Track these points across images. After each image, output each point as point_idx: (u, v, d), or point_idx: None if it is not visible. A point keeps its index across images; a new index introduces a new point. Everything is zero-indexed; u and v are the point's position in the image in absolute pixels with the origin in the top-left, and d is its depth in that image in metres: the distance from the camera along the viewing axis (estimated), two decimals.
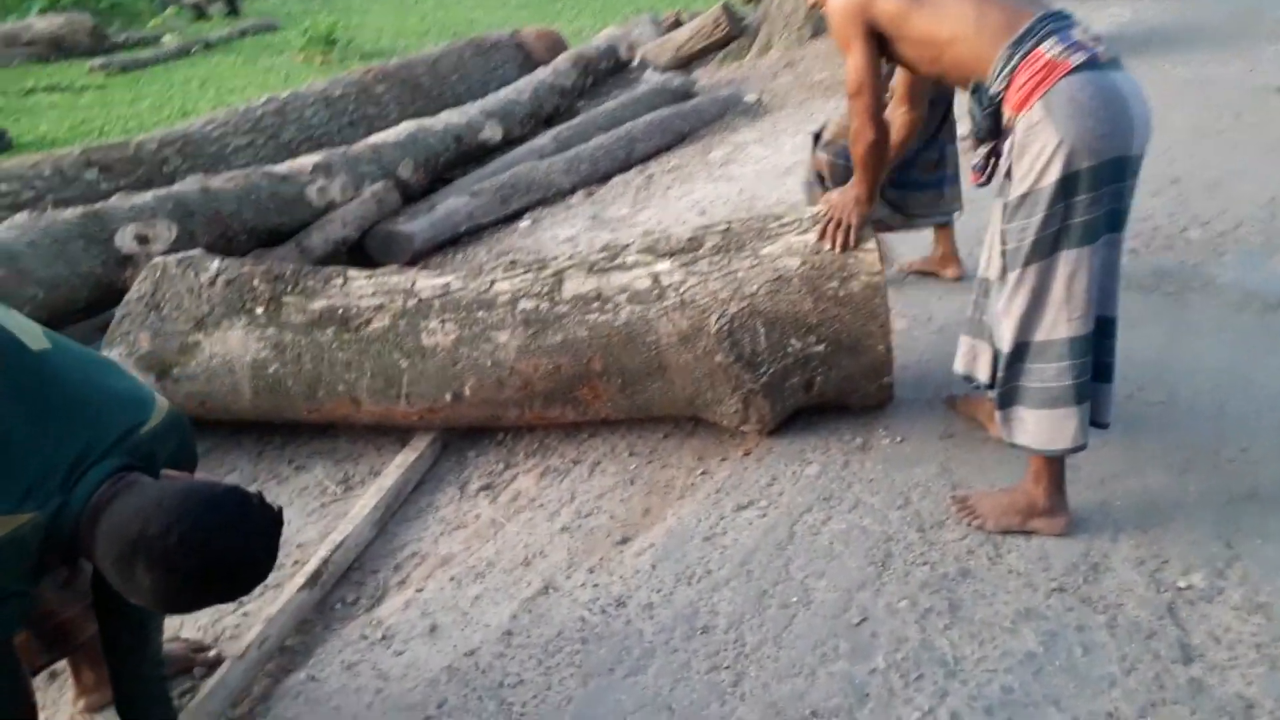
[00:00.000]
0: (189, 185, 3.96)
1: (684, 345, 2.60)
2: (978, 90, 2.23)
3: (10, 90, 11.35)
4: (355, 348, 2.72)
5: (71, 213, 3.51)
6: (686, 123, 5.96)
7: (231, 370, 2.78)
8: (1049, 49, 2.09)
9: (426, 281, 2.79)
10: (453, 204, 4.77)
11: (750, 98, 6.57)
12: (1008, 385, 2.27)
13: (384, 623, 2.25)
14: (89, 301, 3.43)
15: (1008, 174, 2.20)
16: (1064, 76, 2.05)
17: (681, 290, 2.61)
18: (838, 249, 2.57)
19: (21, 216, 3.41)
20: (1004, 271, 2.24)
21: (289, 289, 2.80)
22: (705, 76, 8.07)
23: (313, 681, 2.10)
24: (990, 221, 2.33)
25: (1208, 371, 2.91)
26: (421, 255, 4.55)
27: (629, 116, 5.96)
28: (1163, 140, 2.85)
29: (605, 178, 5.32)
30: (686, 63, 8.40)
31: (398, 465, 2.74)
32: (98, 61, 12.11)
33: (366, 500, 2.60)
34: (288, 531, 2.45)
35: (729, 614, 2.16)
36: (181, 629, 2.32)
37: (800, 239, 2.61)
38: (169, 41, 13.40)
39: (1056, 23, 2.12)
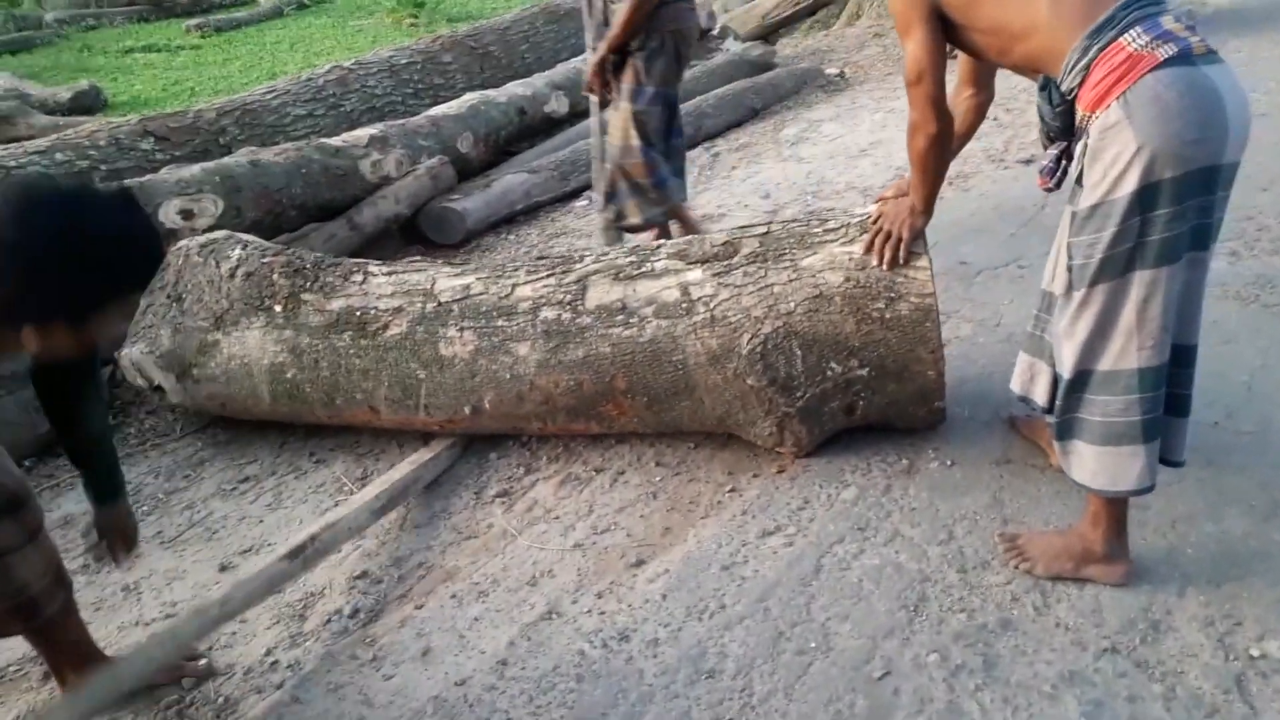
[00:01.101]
0: (238, 158, 3.91)
1: (713, 366, 2.41)
2: (1047, 87, 1.97)
3: (111, 49, 11.66)
4: (372, 355, 2.61)
5: (116, 187, 3.47)
6: (760, 97, 5.69)
7: (250, 374, 2.71)
8: (1132, 40, 1.80)
9: (447, 282, 2.64)
10: (510, 181, 4.63)
11: (832, 71, 6.25)
12: (1067, 415, 2.02)
13: (378, 641, 2.14)
14: None
15: (1079, 180, 1.94)
16: (1148, 72, 1.77)
17: (712, 305, 2.41)
18: (885, 265, 2.32)
19: None
20: (1069, 288, 1.98)
21: (308, 285, 2.70)
22: (789, 46, 7.76)
23: (295, 703, 2.00)
24: (1058, 229, 2.07)
25: None
26: (475, 234, 4.44)
27: (701, 90, 5.72)
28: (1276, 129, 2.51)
29: None
30: (772, 31, 8.07)
31: (410, 462, 2.63)
32: (194, 22, 12.34)
33: (370, 490, 2.49)
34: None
35: (739, 657, 1.99)
36: None
37: (844, 250, 2.36)
38: (264, 2, 13.56)
39: (1143, 9, 1.83)
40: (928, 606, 2.07)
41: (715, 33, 7.44)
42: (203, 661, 2.14)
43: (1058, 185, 2.07)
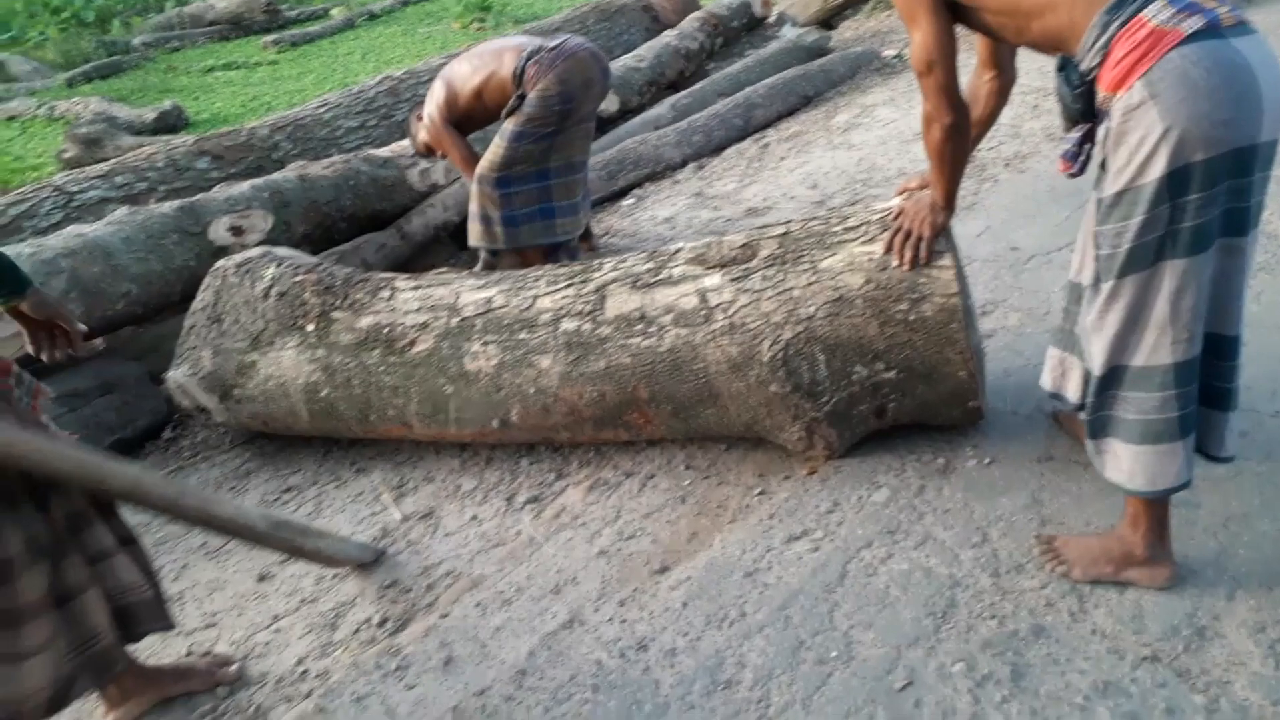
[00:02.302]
0: (287, 174, 3.99)
1: (735, 373, 2.36)
2: (1065, 68, 1.87)
3: (193, 69, 12.08)
4: (401, 372, 2.64)
5: (168, 206, 3.59)
6: (813, 84, 5.57)
7: (286, 393, 2.77)
8: (1154, 14, 1.69)
9: (470, 296, 2.65)
10: None
11: (889, 53, 6.09)
12: (1100, 413, 1.92)
13: (402, 651, 2.16)
14: (183, 295, 3.49)
15: (1103, 165, 1.83)
16: (1173, 48, 1.65)
17: (730, 312, 2.35)
18: (906, 265, 2.24)
19: (121, 212, 3.51)
20: (1097, 279, 1.88)
21: (338, 303, 2.75)
22: (850, 29, 7.60)
23: (321, 714, 2.04)
24: (1084, 217, 1.97)
25: None
26: None
27: (754, 79, 5.64)
28: None
29: (720, 148, 5.04)
30: (834, 14, 7.92)
31: None
32: (270, 38, 12.69)
33: None
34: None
35: (758, 667, 1.95)
36: (216, 644, 2.31)
37: (864, 250, 2.28)
38: (336, 15, 13.89)
39: None
40: (956, 613, 1.99)
41: (771, 20, 7.32)
42: (234, 667, 2.19)
43: (1081, 170, 1.96)
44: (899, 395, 2.34)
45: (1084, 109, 1.89)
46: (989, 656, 1.88)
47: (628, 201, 4.63)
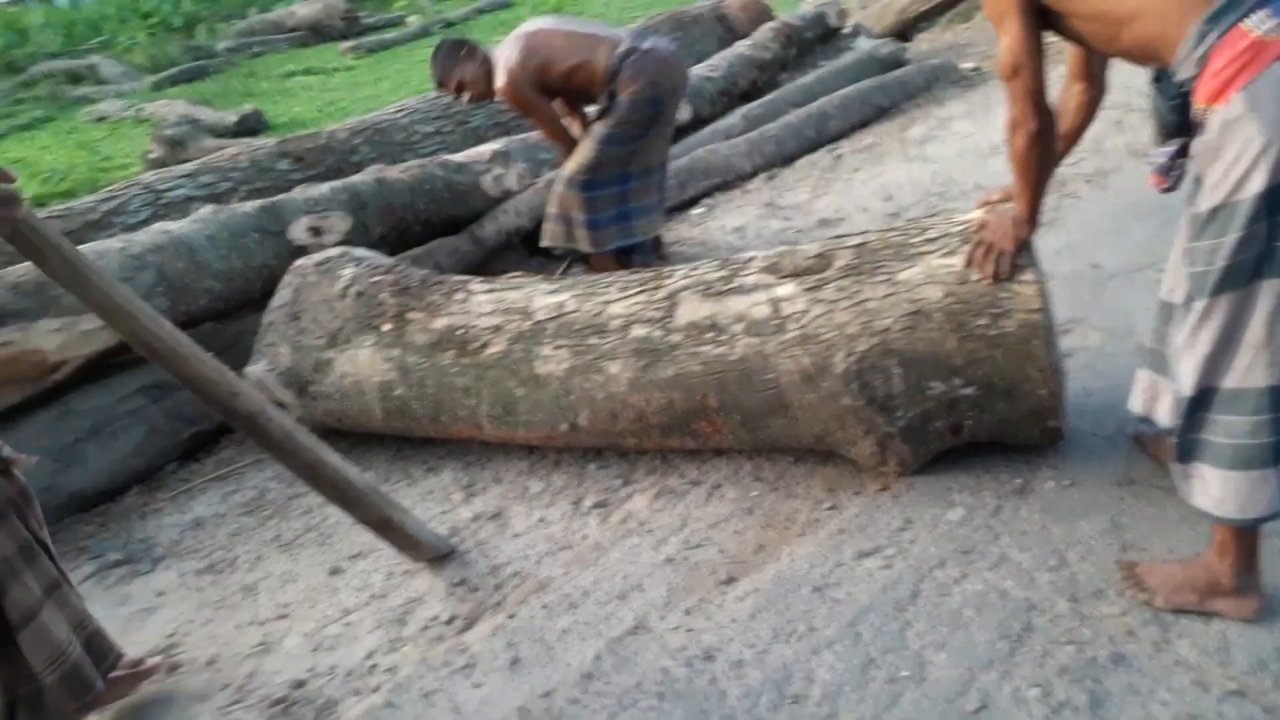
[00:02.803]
0: (365, 176, 4.07)
1: (807, 385, 2.34)
2: (1160, 79, 1.82)
3: (273, 74, 12.41)
4: (474, 373, 2.67)
5: (250, 206, 3.68)
6: (888, 96, 5.52)
7: (362, 391, 2.82)
8: (1256, 24, 1.64)
9: (543, 300, 2.68)
10: None
11: (967, 65, 6.01)
12: (1189, 436, 1.86)
13: (469, 649, 2.18)
14: (263, 293, 3.57)
15: (1197, 180, 1.78)
16: (1276, 60, 1.61)
17: (804, 322, 2.33)
18: (988, 280, 2.19)
19: (206, 210, 3.61)
20: (1190, 298, 1.82)
21: (414, 304, 2.79)
22: (926, 41, 7.51)
23: (389, 708, 2.06)
24: (1177, 234, 1.92)
25: None
26: None
27: (827, 90, 5.60)
28: None
29: (792, 159, 5.02)
30: (910, 26, 7.83)
31: None
32: (348, 44, 12.99)
33: None
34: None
35: (826, 683, 1.92)
36: (288, 635, 2.35)
37: (944, 263, 2.23)
38: (412, 22, 14.16)
39: None
40: (1032, 637, 1.94)
41: (846, 31, 7.26)
42: (157, 658, 2.26)
43: (1175, 185, 1.92)
44: (976, 412, 2.29)
45: (1180, 121, 1.84)
46: (1066, 683, 1.83)
47: (698, 210, 4.63)
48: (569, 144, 3.77)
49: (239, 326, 3.53)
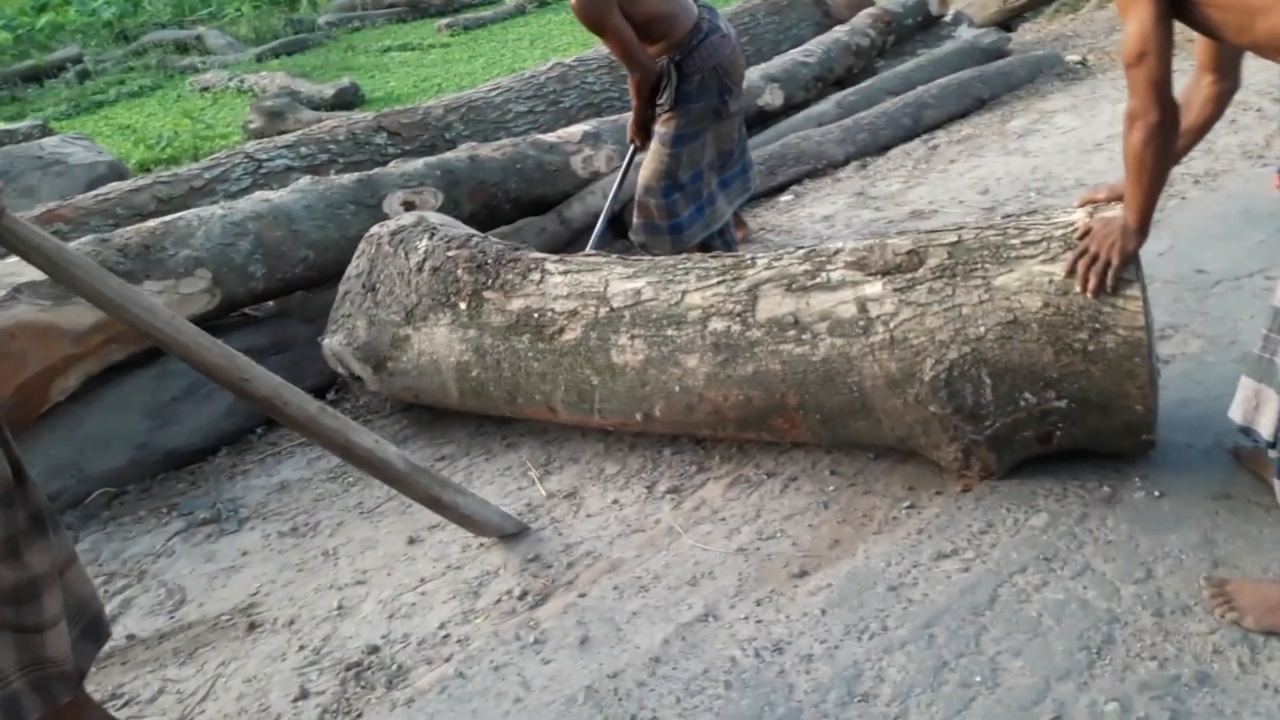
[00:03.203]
0: (459, 154, 4.12)
1: (892, 390, 2.28)
2: None
3: (371, 49, 12.65)
4: (549, 359, 2.67)
5: (348, 178, 3.76)
6: (988, 87, 5.37)
7: (439, 370, 2.86)
8: None
9: (619, 285, 2.65)
10: None
11: (1073, 58, 5.81)
12: None
13: (540, 625, 2.21)
14: None
15: None
16: None
17: (892, 325, 2.26)
18: (1090, 292, 2.09)
19: (305, 181, 3.70)
20: None
21: (490, 282, 2.80)
22: (1030, 31, 7.29)
23: (459, 678, 2.10)
24: None
25: None
26: None
27: (925, 79, 5.48)
28: None
29: (885, 148, 4.92)
30: (1014, 15, 7.61)
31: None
32: (444, 21, 13.15)
33: None
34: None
35: (897, 683, 1.90)
36: (365, 600, 2.41)
37: (1044, 270, 2.14)
38: (509, 1, 14.24)
39: None
40: (1113, 650, 1.88)
41: (948, 19, 7.08)
42: None
43: None
44: (1067, 423, 2.22)
45: None
46: (1146, 699, 1.77)
47: (786, 197, 4.58)
48: (645, 74, 3.41)
49: (330, 297, 3.61)
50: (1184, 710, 1.74)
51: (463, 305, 2.82)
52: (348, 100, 9.14)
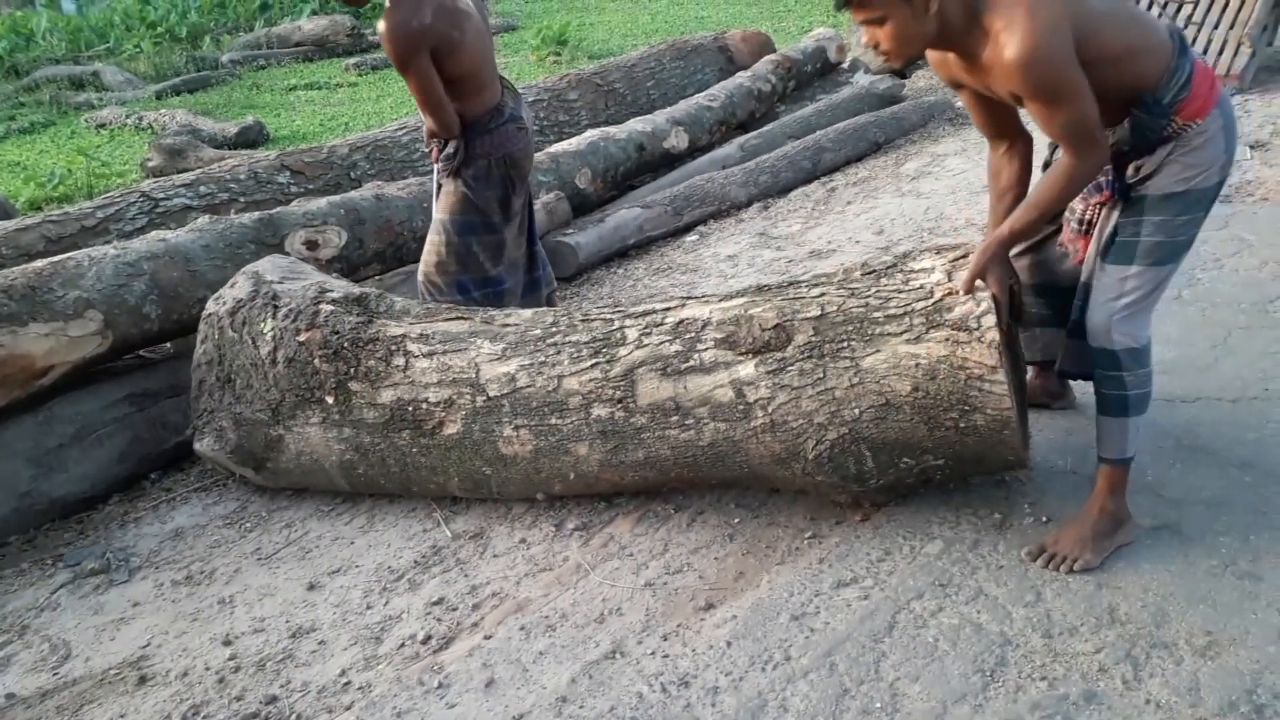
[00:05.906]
0: (364, 192, 4.09)
1: (779, 465, 2.37)
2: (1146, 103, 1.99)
3: (277, 87, 12.45)
4: (436, 453, 2.63)
5: (248, 217, 3.69)
6: (883, 131, 5.58)
7: (322, 468, 2.78)
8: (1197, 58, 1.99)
9: (491, 369, 2.56)
10: (623, 216, 4.69)
11: (962, 104, 6.06)
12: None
13: (445, 669, 2.18)
14: None
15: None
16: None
17: (770, 409, 2.30)
18: (961, 291, 2.15)
19: (203, 220, 3.62)
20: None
21: (351, 372, 2.66)
22: (924, 79, 7.58)
23: None
24: None
25: None
26: (586, 268, 4.51)
27: (824, 124, 5.66)
28: None
29: (786, 190, 5.06)
30: (908, 64, 7.92)
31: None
32: (352, 61, 13.02)
33: None
34: None
35: (800, 712, 1.92)
36: (264, 649, 2.34)
37: (909, 351, 2.18)
38: None
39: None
40: (1006, 672, 1.95)
41: (845, 66, 7.35)
42: None
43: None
44: (947, 473, 2.36)
45: (1147, 141, 2.06)
46: (1037, 718, 1.84)
47: (692, 238, 4.66)
48: (443, 129, 3.01)
49: None
50: None
51: (329, 400, 2.69)
52: (252, 139, 8.96)
